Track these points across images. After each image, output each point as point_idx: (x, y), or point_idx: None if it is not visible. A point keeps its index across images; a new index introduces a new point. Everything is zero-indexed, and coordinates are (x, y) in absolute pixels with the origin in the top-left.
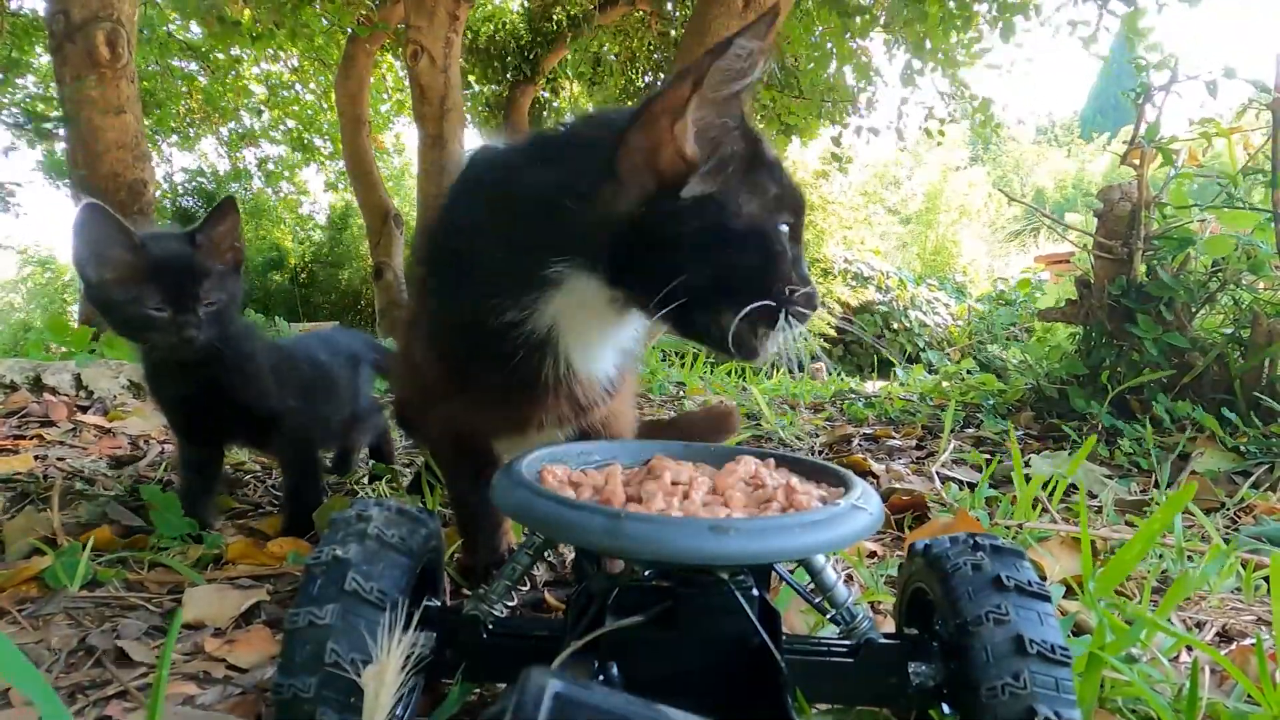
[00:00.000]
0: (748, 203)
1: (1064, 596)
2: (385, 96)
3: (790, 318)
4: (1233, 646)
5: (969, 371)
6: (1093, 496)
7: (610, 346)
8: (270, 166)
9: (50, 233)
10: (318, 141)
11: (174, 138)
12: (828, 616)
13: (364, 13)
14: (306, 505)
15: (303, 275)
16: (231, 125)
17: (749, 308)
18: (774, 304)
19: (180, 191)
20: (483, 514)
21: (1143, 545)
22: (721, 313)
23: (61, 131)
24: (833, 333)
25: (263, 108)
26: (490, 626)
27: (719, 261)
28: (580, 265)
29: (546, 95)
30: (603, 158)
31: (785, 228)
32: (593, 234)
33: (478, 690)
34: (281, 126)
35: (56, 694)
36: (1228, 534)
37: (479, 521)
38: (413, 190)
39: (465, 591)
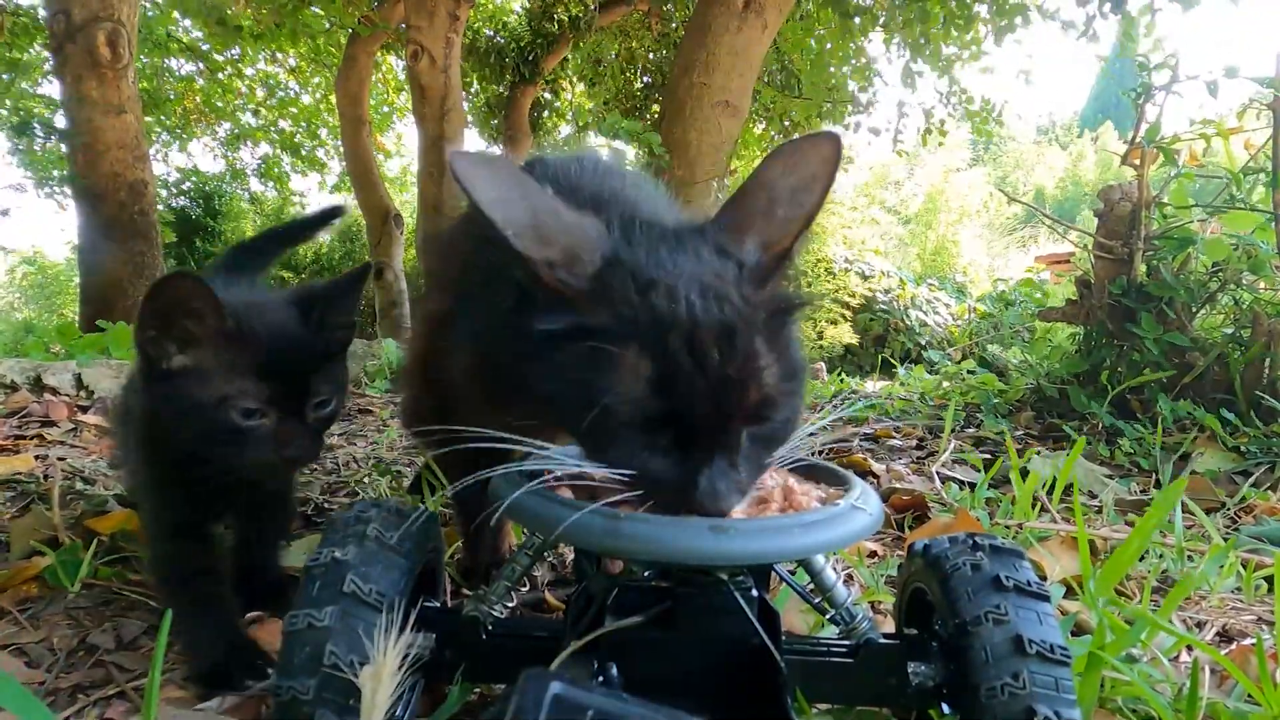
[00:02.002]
0: None
1: (1064, 596)
2: (385, 96)
3: None
4: (1233, 646)
5: (970, 371)
6: (1093, 496)
7: None
8: (277, 168)
9: (38, 231)
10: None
11: (166, 137)
12: (828, 616)
13: (364, 13)
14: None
15: (304, 275)
16: (229, 126)
17: None
18: None
19: (175, 192)
20: (488, 516)
21: (1140, 541)
22: None
23: (41, 131)
24: (852, 340)
25: (259, 109)
26: (490, 627)
27: None
28: None
29: (547, 96)
30: None
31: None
32: None
33: (478, 690)
34: (274, 130)
35: (42, 702)
36: (1228, 534)
37: (483, 523)
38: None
39: (465, 592)
